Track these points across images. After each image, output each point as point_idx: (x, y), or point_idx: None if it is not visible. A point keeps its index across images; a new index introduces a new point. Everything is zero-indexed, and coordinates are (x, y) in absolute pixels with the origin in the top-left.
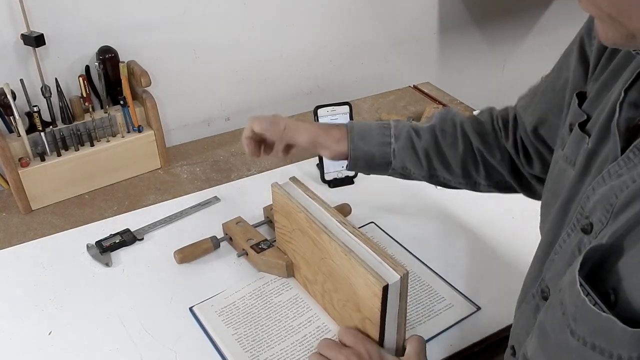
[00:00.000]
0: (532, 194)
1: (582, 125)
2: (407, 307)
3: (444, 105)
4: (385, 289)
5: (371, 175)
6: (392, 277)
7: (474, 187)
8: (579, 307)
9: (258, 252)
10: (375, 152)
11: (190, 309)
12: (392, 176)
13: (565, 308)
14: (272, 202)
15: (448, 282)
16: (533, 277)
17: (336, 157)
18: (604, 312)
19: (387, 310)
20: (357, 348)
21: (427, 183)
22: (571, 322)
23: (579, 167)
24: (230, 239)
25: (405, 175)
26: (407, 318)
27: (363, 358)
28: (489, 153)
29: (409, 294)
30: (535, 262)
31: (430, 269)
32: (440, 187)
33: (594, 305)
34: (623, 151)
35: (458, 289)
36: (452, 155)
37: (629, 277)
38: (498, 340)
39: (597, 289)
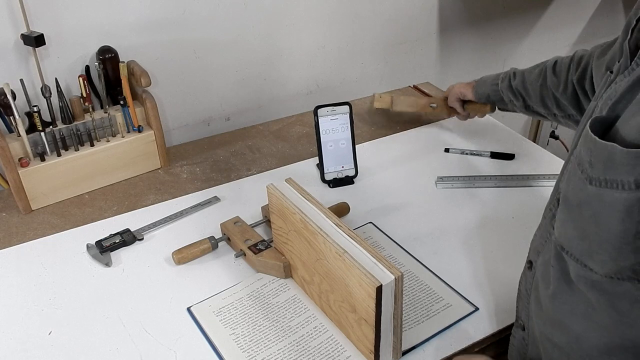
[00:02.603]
0: None
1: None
2: (405, 307)
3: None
4: (379, 290)
5: (371, 176)
6: (386, 277)
7: (554, 118)
8: (592, 148)
9: (255, 253)
10: (490, 92)
11: (188, 309)
12: (511, 110)
13: (582, 164)
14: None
15: (446, 282)
16: (551, 200)
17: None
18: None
19: (382, 311)
20: None
21: (426, 182)
22: (588, 169)
23: (601, 94)
24: (229, 239)
25: (516, 108)
26: (405, 318)
27: None
28: (554, 86)
29: (406, 294)
30: (554, 189)
31: (428, 269)
32: (536, 117)
33: (602, 139)
34: None
35: (456, 289)
36: (533, 88)
37: (623, 123)
38: (497, 341)
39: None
